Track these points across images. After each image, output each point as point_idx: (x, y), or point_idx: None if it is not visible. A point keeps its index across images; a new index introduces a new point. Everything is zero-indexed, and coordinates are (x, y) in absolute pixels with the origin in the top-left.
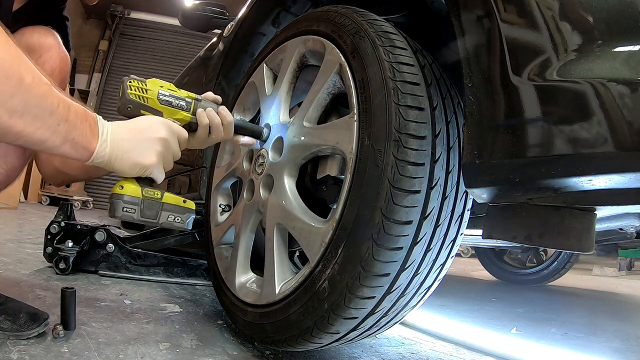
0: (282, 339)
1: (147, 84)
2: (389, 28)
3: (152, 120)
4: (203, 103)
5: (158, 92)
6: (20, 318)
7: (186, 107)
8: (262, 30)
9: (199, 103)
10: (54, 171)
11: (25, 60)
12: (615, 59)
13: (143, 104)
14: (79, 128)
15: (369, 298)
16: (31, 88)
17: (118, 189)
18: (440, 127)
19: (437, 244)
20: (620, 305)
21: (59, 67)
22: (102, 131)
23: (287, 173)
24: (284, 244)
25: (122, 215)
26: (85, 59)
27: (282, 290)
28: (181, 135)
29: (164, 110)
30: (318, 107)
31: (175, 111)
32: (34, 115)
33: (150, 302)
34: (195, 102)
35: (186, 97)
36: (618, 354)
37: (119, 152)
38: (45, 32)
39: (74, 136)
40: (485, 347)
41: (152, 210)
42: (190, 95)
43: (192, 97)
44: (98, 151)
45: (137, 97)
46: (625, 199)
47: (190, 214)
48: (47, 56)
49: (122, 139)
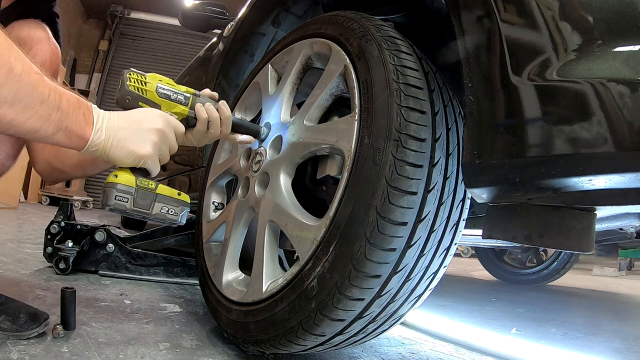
0: (265, 339)
1: (147, 77)
2: (395, 34)
3: (150, 112)
4: (202, 98)
5: (157, 85)
6: (20, 318)
7: (184, 102)
8: (262, 30)
9: (198, 98)
10: (47, 167)
11: (15, 49)
12: (615, 59)
13: (141, 96)
14: (72, 116)
15: (358, 300)
16: (21, 77)
17: (112, 177)
18: (441, 132)
19: (431, 250)
20: (620, 305)
21: (49, 59)
22: (97, 119)
23: (284, 171)
24: (274, 242)
25: (114, 204)
26: (85, 59)
27: (269, 289)
28: (178, 128)
29: (162, 103)
30: (319, 108)
31: (174, 105)
32: (24, 105)
33: (150, 302)
34: (194, 97)
35: (185, 91)
36: (618, 354)
37: (115, 140)
38: (35, 25)
39: (67, 124)
40: (485, 347)
41: (146, 201)
42: (189, 90)
43: (190, 92)
44: (93, 139)
45: (136, 89)
46: (625, 199)
47: (184, 207)
48: (38, 48)
49: (118, 127)
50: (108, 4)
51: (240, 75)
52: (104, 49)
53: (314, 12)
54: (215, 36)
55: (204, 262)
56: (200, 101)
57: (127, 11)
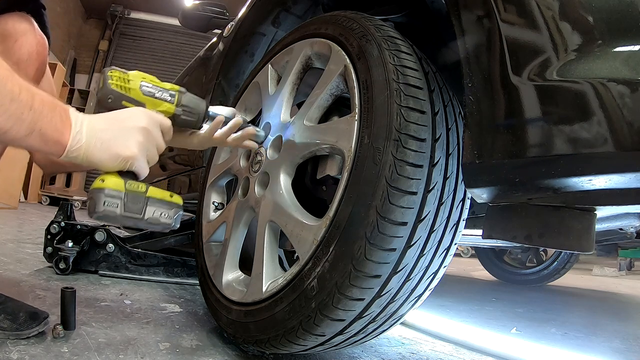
0: (265, 339)
1: (130, 75)
2: (395, 34)
3: (133, 111)
4: (188, 95)
5: (140, 83)
6: (19, 317)
7: (170, 99)
8: (262, 30)
9: (184, 95)
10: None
11: None
12: (615, 59)
13: (124, 95)
14: (46, 117)
15: (358, 300)
16: None
17: (99, 182)
18: (441, 132)
19: (431, 250)
20: (620, 305)
21: (35, 50)
22: (76, 122)
23: (284, 171)
24: (274, 242)
25: (103, 211)
26: (85, 59)
27: (269, 289)
28: (164, 125)
29: (146, 101)
30: (319, 108)
31: (159, 102)
32: None
33: (150, 302)
34: (180, 94)
35: (170, 89)
36: (618, 354)
37: (97, 143)
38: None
39: (41, 126)
40: (485, 347)
41: (137, 205)
42: (174, 87)
43: (175, 89)
44: (72, 144)
45: (119, 88)
46: (625, 199)
47: (178, 210)
48: (23, 40)
49: (99, 129)
50: (108, 4)
51: (240, 75)
52: (104, 49)
53: (314, 12)
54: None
55: (204, 262)
56: (187, 97)
57: (127, 11)
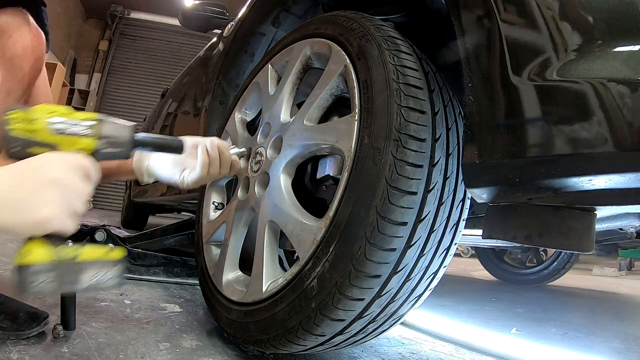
0: (265, 339)
1: (33, 112)
2: (395, 34)
3: (43, 159)
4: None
5: (46, 121)
6: (19, 317)
7: (87, 133)
8: (262, 30)
9: (104, 124)
10: None
11: None
12: (615, 59)
13: (31, 140)
14: None
15: (358, 300)
16: None
17: (21, 257)
18: (441, 132)
19: (431, 250)
20: (620, 305)
21: (31, 44)
22: None
23: (284, 171)
24: (274, 242)
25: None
26: (85, 59)
27: (269, 289)
28: (85, 167)
29: (58, 141)
30: (319, 108)
31: (74, 140)
32: None
33: (150, 302)
34: (99, 123)
35: (85, 119)
36: (618, 354)
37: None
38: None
39: None
40: (485, 347)
41: (71, 275)
42: (89, 116)
43: (92, 117)
44: None
45: (23, 132)
46: (625, 199)
47: (120, 265)
48: (17, 35)
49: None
50: (108, 4)
51: (240, 75)
52: (104, 49)
53: (314, 12)
54: (215, 36)
55: (204, 262)
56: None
57: (127, 11)
